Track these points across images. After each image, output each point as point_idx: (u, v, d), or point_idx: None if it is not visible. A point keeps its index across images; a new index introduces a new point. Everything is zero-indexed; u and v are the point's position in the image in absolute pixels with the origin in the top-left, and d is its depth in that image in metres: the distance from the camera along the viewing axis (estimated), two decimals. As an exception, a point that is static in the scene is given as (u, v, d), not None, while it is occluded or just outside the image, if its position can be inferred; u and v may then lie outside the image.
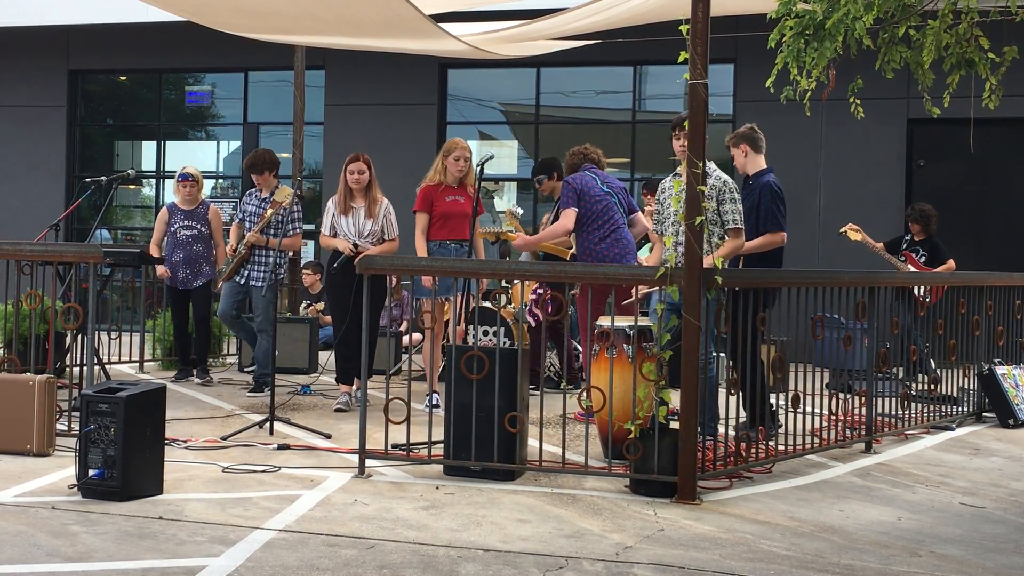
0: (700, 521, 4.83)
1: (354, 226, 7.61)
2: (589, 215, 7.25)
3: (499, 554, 4.24)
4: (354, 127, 13.55)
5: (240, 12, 8.28)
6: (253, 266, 8.33)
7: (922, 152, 12.35)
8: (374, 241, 7.62)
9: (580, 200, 7.24)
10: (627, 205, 7.54)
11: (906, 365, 8.29)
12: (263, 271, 8.25)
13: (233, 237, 8.50)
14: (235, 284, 8.38)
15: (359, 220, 7.62)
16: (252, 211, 8.42)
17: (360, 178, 7.62)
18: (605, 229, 7.25)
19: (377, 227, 7.62)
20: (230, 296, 8.42)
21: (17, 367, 6.48)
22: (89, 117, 15.32)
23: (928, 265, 9.81)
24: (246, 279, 8.34)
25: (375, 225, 7.61)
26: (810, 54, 4.70)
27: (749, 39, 9.26)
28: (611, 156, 13.84)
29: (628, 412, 5.39)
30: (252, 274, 8.33)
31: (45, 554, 4.11)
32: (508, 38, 9.59)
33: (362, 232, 7.60)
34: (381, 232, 7.65)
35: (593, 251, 7.24)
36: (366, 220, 7.61)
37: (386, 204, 7.72)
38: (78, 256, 6.83)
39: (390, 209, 7.74)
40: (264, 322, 8.19)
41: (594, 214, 7.25)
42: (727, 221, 6.24)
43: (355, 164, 7.64)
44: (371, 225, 7.60)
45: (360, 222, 7.62)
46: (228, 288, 8.42)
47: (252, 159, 8.54)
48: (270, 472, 5.60)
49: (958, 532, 4.83)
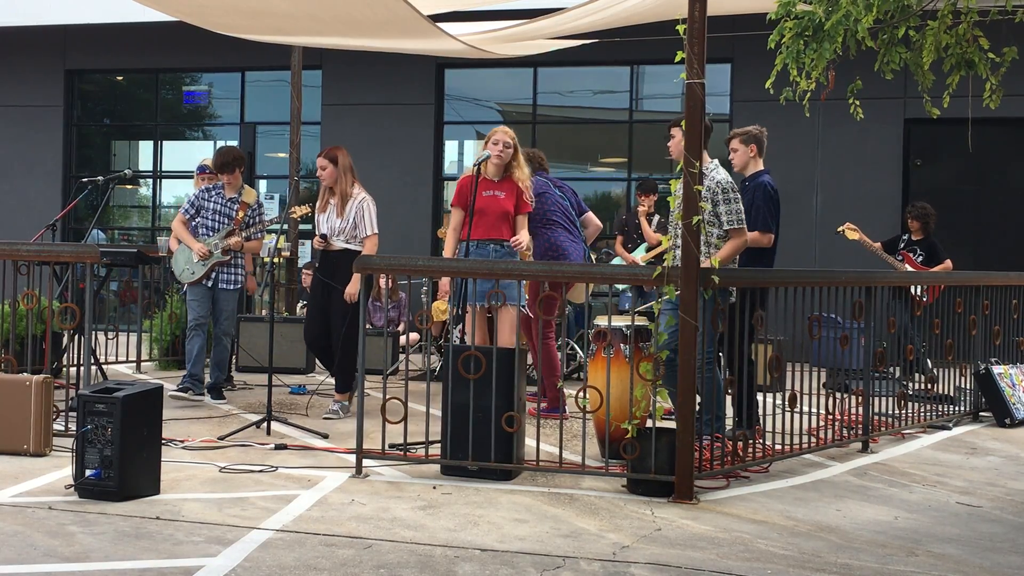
0: (697, 521, 4.83)
1: (326, 223, 7.48)
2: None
3: (496, 554, 4.24)
4: (351, 127, 13.54)
5: (236, 12, 8.26)
6: (221, 268, 7.89)
7: (919, 152, 12.36)
8: (346, 239, 7.41)
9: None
10: (577, 207, 7.67)
11: (903, 364, 8.30)
12: (232, 273, 7.92)
13: (187, 236, 7.89)
14: (204, 288, 7.87)
15: (331, 217, 7.48)
16: (217, 210, 7.93)
17: (322, 173, 7.50)
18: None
19: (346, 224, 7.37)
20: (204, 301, 7.88)
21: (14, 367, 6.48)
22: (86, 117, 15.31)
23: (926, 265, 9.82)
24: (214, 281, 7.88)
25: (344, 223, 7.38)
26: (809, 55, 4.71)
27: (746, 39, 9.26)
28: (608, 156, 13.89)
29: (625, 412, 5.39)
30: (221, 276, 7.89)
31: (42, 554, 4.10)
32: (505, 38, 9.59)
33: (334, 230, 7.43)
34: (355, 230, 7.40)
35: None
36: (336, 218, 7.43)
37: (359, 201, 7.41)
38: (75, 256, 6.83)
39: (364, 206, 7.41)
40: (229, 326, 8.00)
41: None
42: (724, 222, 6.12)
43: (318, 159, 7.56)
44: (340, 223, 7.40)
45: (332, 220, 7.47)
46: (199, 293, 7.87)
47: (224, 158, 8.00)
48: (267, 472, 5.60)
49: (955, 531, 4.84)
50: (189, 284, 7.91)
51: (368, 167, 9.07)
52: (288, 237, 10.67)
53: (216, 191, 8.01)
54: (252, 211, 8.00)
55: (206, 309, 7.88)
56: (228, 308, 7.95)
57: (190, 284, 7.90)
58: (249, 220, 7.98)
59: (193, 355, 7.84)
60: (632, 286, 9.66)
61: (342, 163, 7.47)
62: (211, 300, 7.90)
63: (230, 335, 8.02)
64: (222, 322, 7.95)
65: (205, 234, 7.90)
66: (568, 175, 13.01)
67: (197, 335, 7.85)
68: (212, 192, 8.02)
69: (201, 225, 7.94)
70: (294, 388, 8.53)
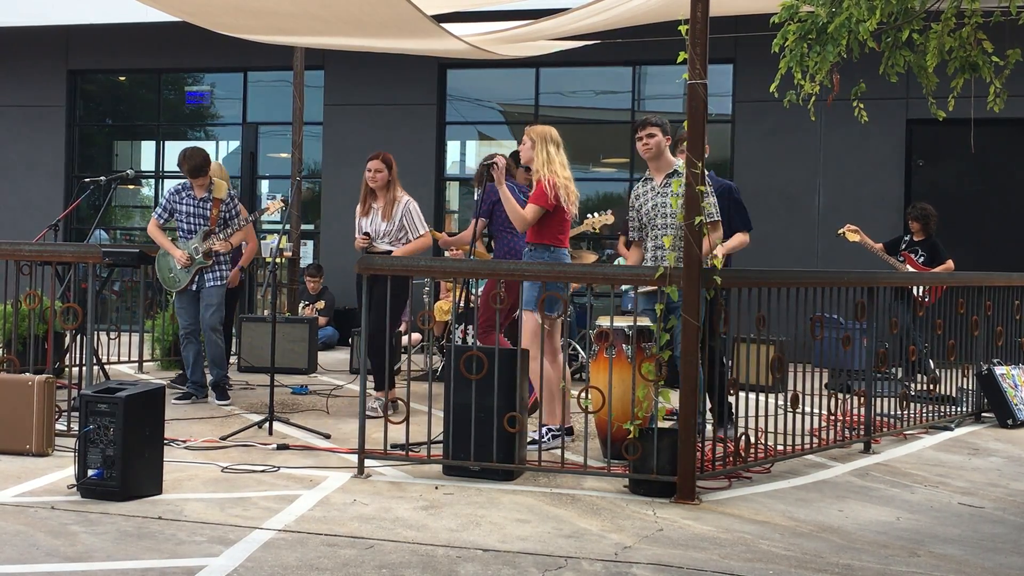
0: (699, 521, 4.83)
1: (371, 227, 7.43)
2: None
3: (498, 554, 4.24)
4: (353, 127, 13.55)
5: (239, 12, 8.27)
6: (204, 270, 7.79)
7: (921, 152, 12.35)
8: (390, 242, 7.40)
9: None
10: None
11: (905, 365, 8.29)
12: (216, 271, 7.80)
13: (166, 242, 7.78)
14: (190, 294, 7.81)
15: (376, 221, 7.43)
16: (191, 212, 7.80)
17: (377, 176, 7.41)
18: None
19: (391, 227, 7.39)
20: (192, 307, 7.80)
21: (16, 367, 6.48)
22: (88, 117, 15.32)
23: (927, 265, 9.81)
24: (199, 285, 7.79)
25: (389, 226, 7.38)
26: (813, 58, 4.71)
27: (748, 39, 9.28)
28: (610, 156, 13.89)
29: (627, 412, 5.39)
30: (206, 275, 7.79)
31: (44, 554, 4.11)
32: (508, 38, 9.60)
33: (378, 233, 7.41)
34: (400, 232, 7.40)
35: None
36: (381, 221, 7.41)
37: (405, 203, 7.45)
38: (77, 256, 6.84)
39: (411, 208, 7.45)
40: (216, 320, 7.78)
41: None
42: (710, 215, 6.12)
43: (372, 162, 7.44)
44: (385, 226, 7.39)
45: (376, 223, 7.43)
46: (186, 300, 7.81)
47: (196, 162, 7.77)
48: (269, 472, 5.60)
49: (957, 532, 4.84)
50: (177, 292, 7.84)
51: (370, 167, 9.09)
52: (290, 238, 10.67)
53: (186, 192, 7.85)
54: (226, 205, 7.84)
55: (195, 315, 7.80)
56: (214, 302, 7.76)
57: (178, 292, 7.84)
58: (226, 215, 7.85)
59: (191, 362, 7.82)
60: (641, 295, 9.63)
61: (395, 168, 7.48)
62: (198, 303, 7.81)
63: (219, 330, 7.84)
64: (208, 317, 7.75)
65: (184, 237, 7.80)
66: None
67: (190, 342, 7.81)
68: (182, 194, 7.85)
69: (178, 230, 7.82)
70: (295, 388, 8.53)
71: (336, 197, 13.50)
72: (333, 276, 12.54)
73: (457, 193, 14.06)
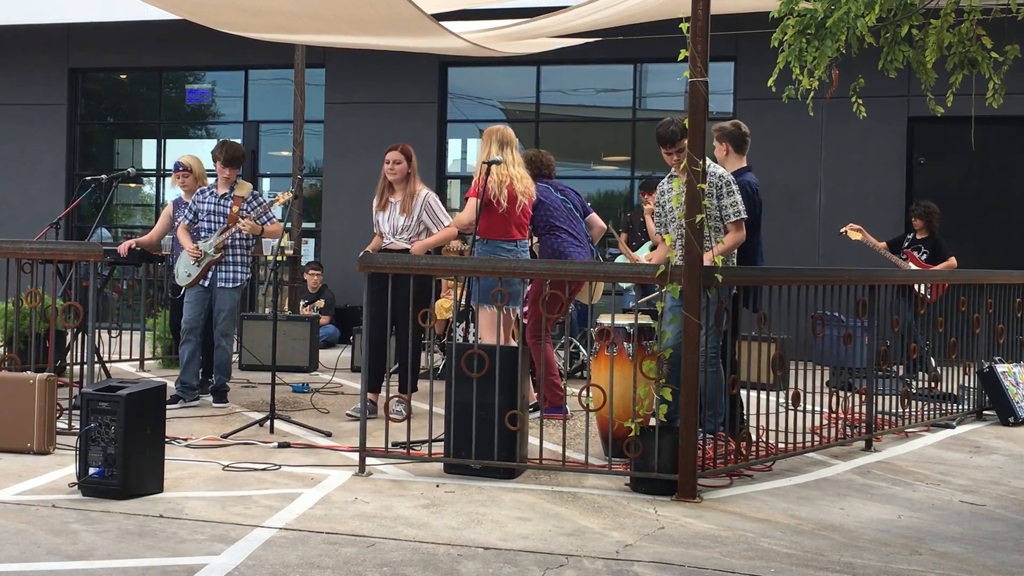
0: (700, 519, 4.83)
1: (389, 223, 7.20)
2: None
3: (499, 552, 4.24)
4: (354, 125, 13.55)
5: (240, 11, 8.27)
6: (218, 267, 7.63)
7: (923, 150, 12.34)
8: (410, 237, 7.16)
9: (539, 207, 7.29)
10: (582, 208, 7.65)
11: (906, 363, 8.29)
12: (231, 271, 7.64)
13: (186, 239, 7.71)
14: (200, 289, 7.63)
15: (394, 216, 7.20)
16: (211, 211, 7.68)
17: (396, 168, 7.15)
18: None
19: (411, 222, 7.13)
20: (198, 304, 7.63)
21: (17, 365, 6.48)
22: (89, 115, 15.32)
23: (930, 263, 9.80)
24: (211, 281, 7.63)
25: (408, 220, 7.13)
26: (811, 53, 4.70)
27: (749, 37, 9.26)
28: (611, 154, 13.88)
29: (628, 410, 5.39)
30: (218, 275, 7.62)
31: (45, 552, 4.11)
32: (508, 36, 9.59)
33: (396, 228, 7.21)
34: (421, 226, 7.18)
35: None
36: (400, 215, 7.15)
37: (424, 196, 7.19)
38: (78, 254, 6.84)
39: (431, 200, 7.22)
40: (228, 325, 7.65)
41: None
42: (728, 215, 6.11)
43: (391, 153, 7.20)
44: (404, 220, 7.14)
45: (395, 218, 7.20)
46: (194, 295, 7.63)
47: (233, 152, 7.70)
48: (270, 470, 5.60)
49: (958, 530, 4.83)
50: (186, 287, 7.72)
51: (371, 166, 9.05)
52: (291, 236, 10.67)
53: (210, 191, 7.77)
54: (248, 204, 7.71)
55: (200, 311, 7.64)
56: (226, 307, 7.61)
57: (187, 287, 7.71)
58: (258, 211, 7.68)
59: (184, 361, 7.66)
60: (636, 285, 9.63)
61: (414, 160, 7.28)
62: (207, 301, 7.65)
63: (229, 336, 7.70)
64: (220, 323, 7.61)
65: (205, 237, 7.70)
66: (571, 174, 13.00)
67: (189, 340, 7.65)
68: (205, 193, 7.77)
69: (200, 230, 7.73)
70: (296, 386, 8.53)
71: (337, 195, 13.50)
72: (333, 274, 12.54)
73: (458, 191, 14.05)
